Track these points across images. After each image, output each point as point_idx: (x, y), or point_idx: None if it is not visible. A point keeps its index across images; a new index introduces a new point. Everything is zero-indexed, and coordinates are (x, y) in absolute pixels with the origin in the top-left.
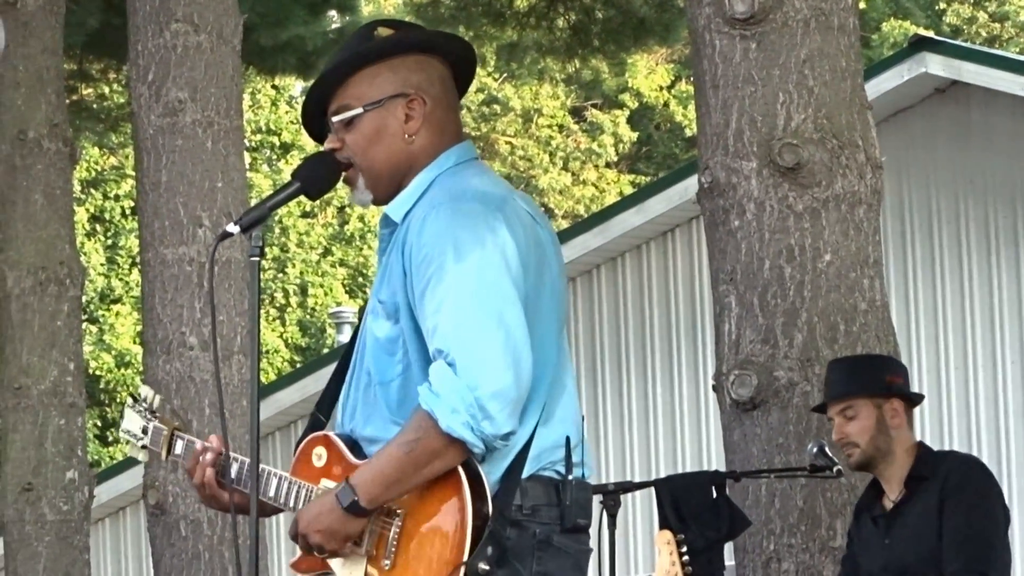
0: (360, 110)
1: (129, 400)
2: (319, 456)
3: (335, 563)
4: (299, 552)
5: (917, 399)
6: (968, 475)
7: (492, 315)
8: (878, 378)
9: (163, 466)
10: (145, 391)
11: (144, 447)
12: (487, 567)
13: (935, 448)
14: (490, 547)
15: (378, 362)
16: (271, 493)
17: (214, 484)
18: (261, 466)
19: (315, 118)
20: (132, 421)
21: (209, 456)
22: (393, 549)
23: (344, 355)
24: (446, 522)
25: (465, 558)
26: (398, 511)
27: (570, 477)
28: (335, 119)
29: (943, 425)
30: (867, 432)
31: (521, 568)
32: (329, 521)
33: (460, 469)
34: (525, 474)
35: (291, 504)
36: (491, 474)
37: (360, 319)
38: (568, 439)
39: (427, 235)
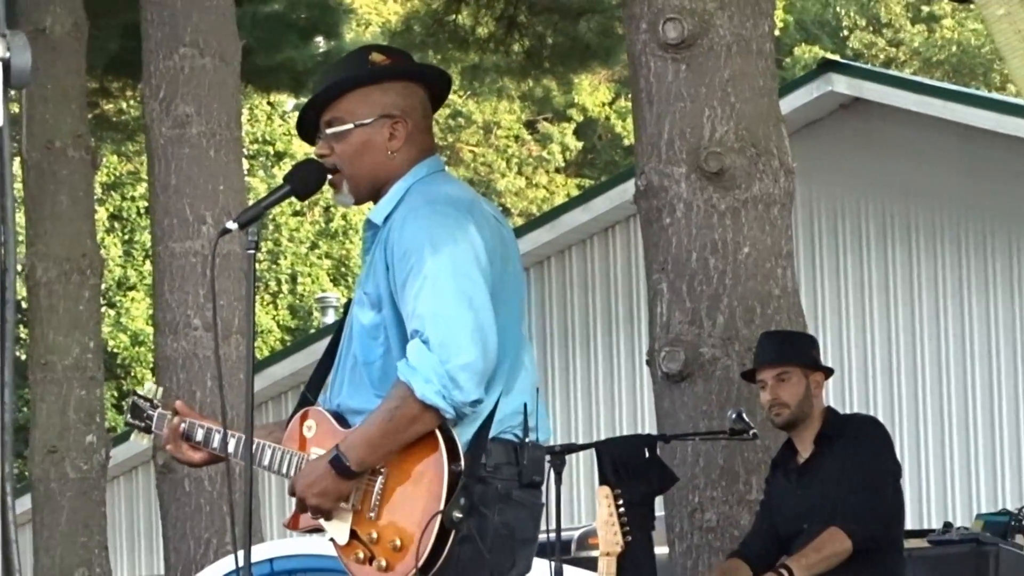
0: (351, 126)
1: (133, 395)
2: (309, 428)
3: (325, 520)
4: (291, 511)
5: (830, 373)
6: (865, 432)
7: (463, 300)
8: (808, 352)
9: None
10: (149, 386)
11: (149, 432)
12: (460, 515)
13: (838, 410)
14: (463, 498)
15: (363, 345)
16: (266, 463)
17: (179, 447)
18: (258, 440)
19: (309, 124)
20: (136, 412)
21: (175, 422)
22: (377, 503)
23: (331, 342)
24: (424, 477)
25: (441, 507)
26: (381, 469)
27: (527, 440)
28: (328, 131)
29: (844, 391)
30: (797, 396)
31: (488, 515)
32: (324, 485)
33: (437, 432)
34: (489, 437)
35: (283, 471)
36: (462, 436)
37: (346, 309)
38: (525, 407)
39: (407, 234)
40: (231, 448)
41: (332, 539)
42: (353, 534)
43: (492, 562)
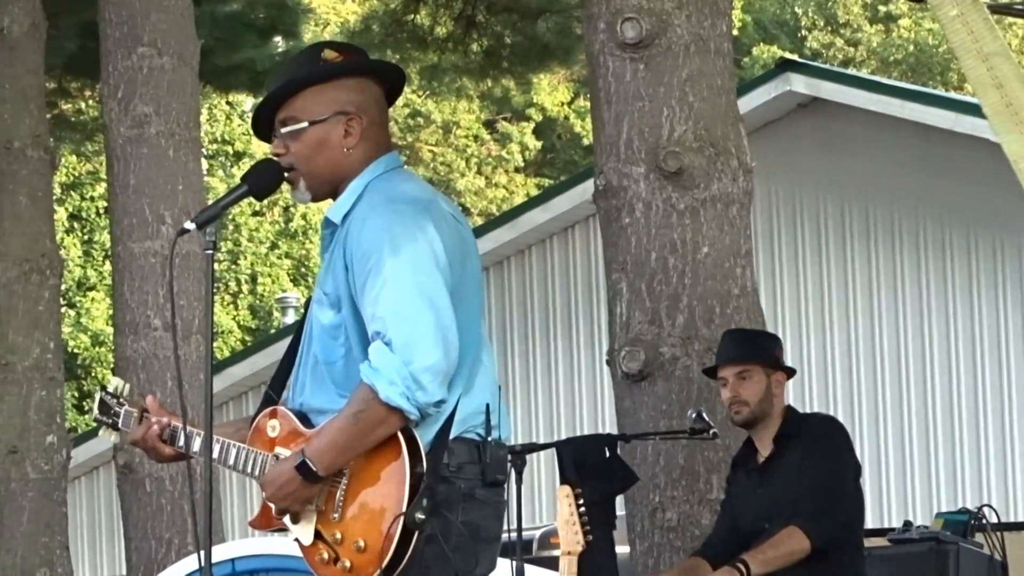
0: (306, 124)
1: (101, 391)
2: (273, 428)
3: (290, 521)
4: (255, 511)
5: (792, 373)
6: (825, 432)
7: (424, 300)
8: (771, 352)
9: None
10: (115, 382)
11: (116, 429)
12: (423, 516)
13: (798, 409)
14: (425, 499)
15: (323, 345)
16: (231, 462)
17: (156, 443)
18: (223, 440)
19: (265, 123)
20: (104, 408)
21: (155, 428)
22: (340, 504)
23: (292, 341)
24: (387, 479)
25: (404, 509)
26: (344, 471)
27: (490, 439)
28: (283, 130)
29: (803, 391)
30: (758, 395)
31: (450, 516)
32: (291, 489)
33: (399, 433)
34: (451, 436)
35: (248, 470)
36: (423, 437)
37: (306, 308)
38: (488, 406)
39: (366, 234)
40: (196, 447)
41: (297, 539)
42: (318, 535)
43: (457, 561)
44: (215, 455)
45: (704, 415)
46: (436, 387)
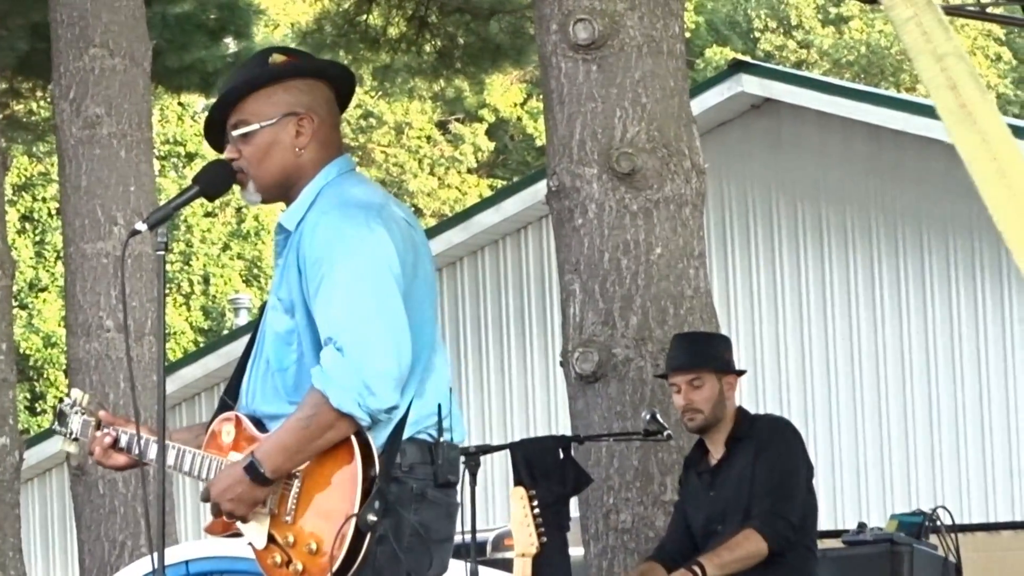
0: (257, 126)
1: (61, 402)
2: (228, 433)
3: (242, 524)
4: (211, 516)
5: (742, 373)
6: (777, 434)
7: (375, 306)
8: (721, 355)
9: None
10: (75, 393)
11: (75, 439)
12: (375, 518)
13: (751, 411)
14: (377, 501)
15: (277, 351)
16: (186, 468)
17: (108, 455)
18: (179, 446)
19: (216, 129)
20: (63, 419)
21: (108, 440)
22: (293, 507)
23: (246, 347)
24: (339, 482)
25: (355, 511)
26: (296, 474)
27: (442, 440)
28: (234, 133)
29: (757, 392)
30: (710, 401)
31: (402, 516)
32: (239, 491)
33: (352, 436)
34: (404, 438)
35: (203, 475)
36: (376, 439)
37: (260, 314)
38: (440, 408)
39: (319, 239)
40: (152, 454)
41: (250, 543)
42: (270, 538)
43: (408, 562)
44: (171, 461)
45: (658, 416)
46: (388, 393)
